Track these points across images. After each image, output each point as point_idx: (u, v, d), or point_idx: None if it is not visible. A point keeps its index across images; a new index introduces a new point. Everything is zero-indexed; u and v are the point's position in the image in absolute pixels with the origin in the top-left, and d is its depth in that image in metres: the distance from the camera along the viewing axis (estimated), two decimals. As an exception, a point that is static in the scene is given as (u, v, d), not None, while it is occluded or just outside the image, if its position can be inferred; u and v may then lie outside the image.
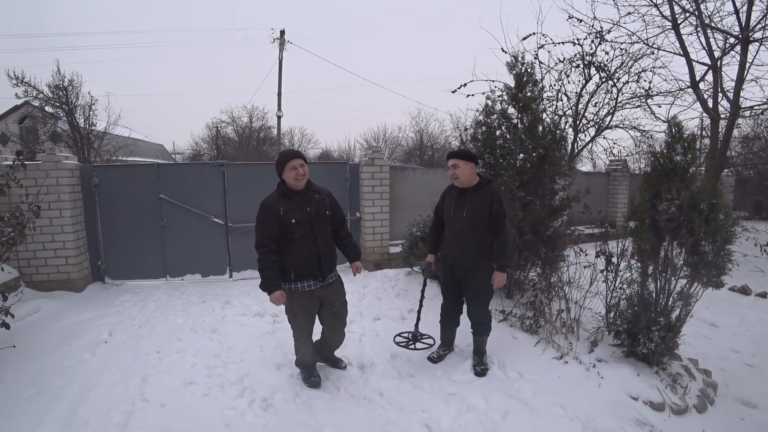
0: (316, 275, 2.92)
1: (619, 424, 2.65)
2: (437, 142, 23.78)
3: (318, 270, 2.91)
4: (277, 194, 2.87)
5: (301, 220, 2.82)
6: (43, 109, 11.74)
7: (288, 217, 2.78)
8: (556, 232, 4.31)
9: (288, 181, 2.85)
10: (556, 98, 6.95)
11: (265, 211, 2.81)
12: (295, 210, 2.81)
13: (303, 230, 2.83)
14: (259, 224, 2.81)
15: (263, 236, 2.79)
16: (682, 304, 3.16)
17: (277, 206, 2.79)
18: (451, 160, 3.13)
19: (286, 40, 17.29)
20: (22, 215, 3.74)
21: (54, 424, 2.65)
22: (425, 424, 2.69)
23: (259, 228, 2.81)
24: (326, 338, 3.20)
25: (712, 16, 6.83)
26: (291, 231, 2.80)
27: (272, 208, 2.79)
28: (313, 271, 2.90)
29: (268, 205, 2.82)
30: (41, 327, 4.14)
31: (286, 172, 2.83)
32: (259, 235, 2.80)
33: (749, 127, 11.99)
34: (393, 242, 6.51)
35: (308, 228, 2.85)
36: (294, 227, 2.79)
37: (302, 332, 3.00)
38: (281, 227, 2.79)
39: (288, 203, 2.82)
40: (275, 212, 2.78)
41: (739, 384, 3.45)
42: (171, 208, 5.83)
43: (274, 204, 2.81)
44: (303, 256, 2.84)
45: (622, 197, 9.12)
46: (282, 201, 2.82)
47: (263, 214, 2.81)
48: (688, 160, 2.98)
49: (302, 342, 3.03)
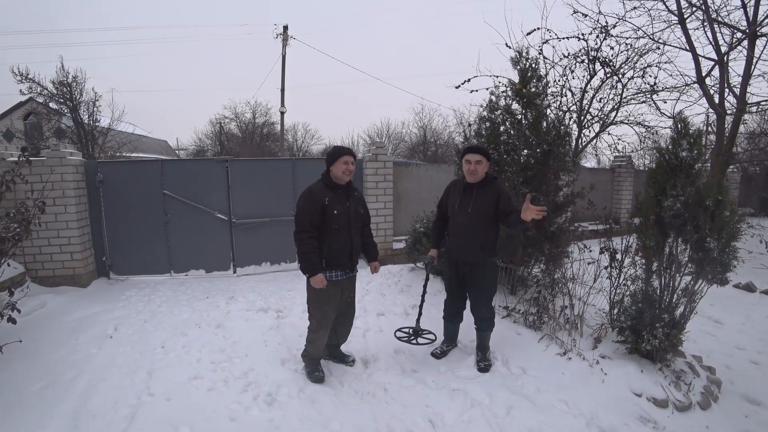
0: (345, 266, 3.06)
1: (622, 421, 2.65)
2: (441, 138, 23.70)
3: (349, 262, 3.06)
4: (323, 184, 2.97)
5: (342, 212, 2.95)
6: (47, 105, 11.80)
7: (332, 208, 2.91)
8: (560, 228, 4.30)
9: (336, 174, 2.97)
10: (561, 94, 6.83)
11: (312, 199, 2.90)
12: (338, 202, 2.95)
13: (342, 222, 2.96)
14: (304, 210, 2.89)
15: (307, 222, 2.88)
16: (687, 300, 3.14)
17: (323, 196, 2.91)
18: (475, 155, 3.06)
19: (290, 36, 17.25)
20: (27, 211, 3.76)
21: (62, 417, 2.68)
22: (429, 420, 2.70)
23: (303, 214, 2.89)
24: (337, 329, 3.27)
25: (719, 11, 6.75)
26: (331, 222, 2.91)
27: (319, 197, 2.90)
28: (344, 263, 3.04)
29: (316, 193, 2.92)
30: (47, 322, 4.18)
31: (338, 164, 2.94)
32: (303, 220, 2.89)
33: (756, 123, 11.91)
34: (397, 238, 6.52)
35: (346, 221, 2.99)
36: (335, 218, 2.92)
37: (323, 323, 3.07)
38: (323, 216, 2.89)
39: (333, 195, 2.94)
40: (321, 201, 2.89)
41: (744, 381, 3.44)
42: (175, 204, 5.85)
43: (320, 193, 2.92)
44: (338, 246, 2.98)
45: (626, 193, 9.08)
46: (328, 191, 2.94)
47: (309, 201, 2.90)
48: (693, 156, 2.96)
49: (322, 333, 3.09)
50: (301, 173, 6.18)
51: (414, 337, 3.43)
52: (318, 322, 3.08)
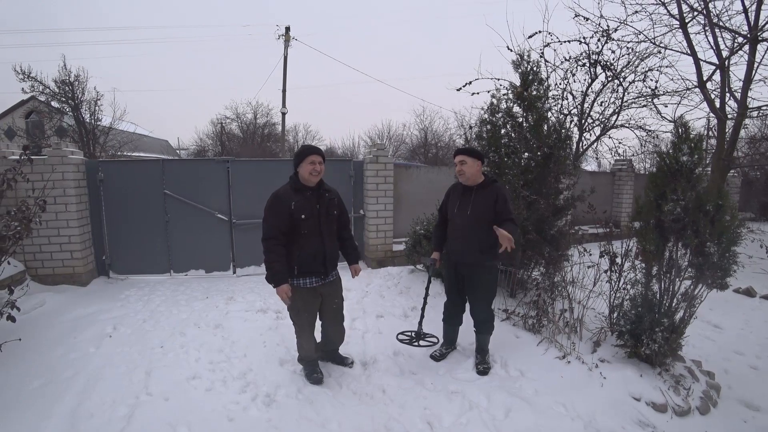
0: (319, 272, 2.91)
1: (621, 425, 2.65)
2: (442, 140, 23.73)
3: (322, 268, 2.91)
4: (289, 187, 2.84)
5: (311, 216, 2.81)
6: (49, 104, 11.83)
7: (298, 212, 2.76)
8: (560, 232, 4.30)
9: (303, 175, 2.83)
10: (562, 97, 6.90)
11: (277, 203, 2.77)
12: (306, 206, 2.80)
13: (311, 227, 2.81)
14: (270, 216, 2.77)
15: (273, 228, 2.74)
16: (686, 305, 3.14)
17: (289, 200, 2.77)
18: (458, 156, 3.13)
19: (291, 37, 17.28)
20: (28, 209, 3.76)
21: (60, 415, 2.68)
22: (427, 422, 2.70)
23: (269, 219, 2.76)
24: (328, 334, 3.22)
25: (721, 15, 6.75)
26: (299, 226, 2.78)
27: (284, 201, 2.76)
28: (317, 269, 2.90)
29: (281, 197, 2.79)
30: (47, 320, 4.18)
31: (304, 165, 2.80)
32: (269, 227, 2.76)
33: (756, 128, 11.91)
34: (396, 240, 6.51)
35: (316, 225, 2.84)
36: (303, 223, 2.78)
37: (304, 328, 3.01)
38: (291, 221, 2.76)
39: (300, 198, 2.80)
40: (287, 205, 2.75)
41: (743, 386, 3.43)
42: (175, 204, 5.85)
43: (286, 197, 2.78)
44: (309, 252, 2.83)
45: (626, 197, 9.07)
46: (294, 195, 2.80)
47: (275, 205, 2.77)
48: (694, 160, 2.96)
49: (305, 338, 3.04)
50: (302, 174, 6.17)
51: (416, 340, 3.42)
52: (299, 328, 3.02)
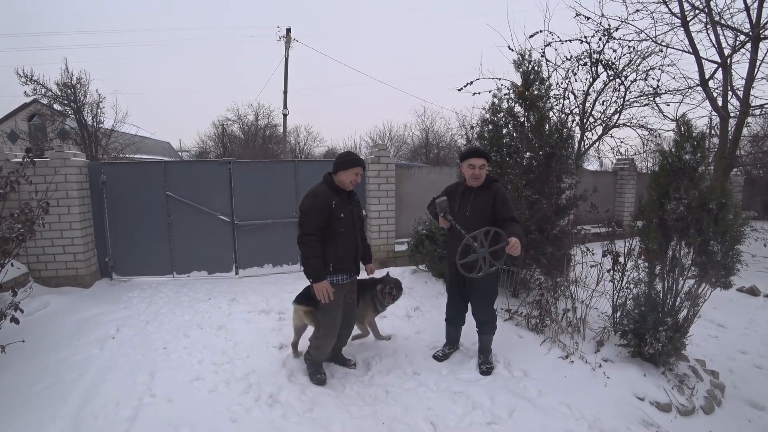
0: (350, 270, 3.06)
1: (625, 424, 2.64)
2: (443, 141, 23.77)
3: (353, 265, 3.07)
4: (327, 187, 2.94)
5: (347, 216, 2.95)
6: (51, 106, 11.87)
7: (338, 211, 2.89)
8: (563, 231, 4.29)
9: (342, 181, 2.95)
10: (563, 96, 6.89)
11: (319, 202, 2.85)
12: (343, 206, 2.94)
13: (347, 226, 2.95)
14: (310, 213, 2.84)
15: (313, 225, 2.83)
16: (690, 304, 3.13)
17: (330, 198, 2.88)
18: (479, 159, 3.06)
19: (292, 38, 17.30)
20: (31, 212, 3.78)
21: (64, 417, 2.69)
22: (431, 422, 2.69)
23: (309, 217, 2.84)
24: (339, 334, 3.24)
25: (722, 13, 6.74)
26: (337, 225, 2.89)
27: (325, 200, 2.87)
28: (350, 266, 3.04)
29: (322, 196, 2.88)
30: (50, 322, 4.19)
31: (348, 173, 2.92)
32: (309, 224, 2.84)
33: (759, 126, 11.86)
34: (399, 240, 6.51)
35: (351, 225, 2.99)
36: (341, 222, 2.91)
37: (334, 326, 3.05)
38: (329, 219, 2.86)
39: (338, 198, 2.92)
40: (328, 204, 2.86)
41: (747, 385, 3.42)
42: (178, 206, 5.86)
43: (326, 196, 2.89)
44: (344, 250, 2.97)
45: (629, 196, 9.05)
46: (333, 195, 2.91)
47: (316, 203, 2.85)
48: (697, 159, 2.95)
49: (331, 337, 3.08)
50: (304, 175, 6.19)
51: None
52: (326, 329, 3.05)
